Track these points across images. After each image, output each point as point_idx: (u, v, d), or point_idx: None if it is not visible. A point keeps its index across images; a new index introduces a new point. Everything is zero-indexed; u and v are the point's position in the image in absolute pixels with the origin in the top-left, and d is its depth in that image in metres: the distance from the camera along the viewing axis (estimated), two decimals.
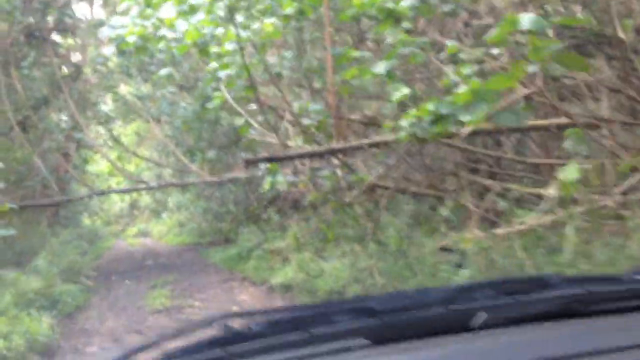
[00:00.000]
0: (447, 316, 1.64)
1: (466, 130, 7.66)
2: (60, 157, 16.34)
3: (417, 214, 10.44)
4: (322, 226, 9.29)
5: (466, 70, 6.65)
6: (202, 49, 7.46)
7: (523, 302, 1.68)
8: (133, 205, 29.14)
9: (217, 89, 9.33)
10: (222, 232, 17.08)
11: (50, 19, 15.29)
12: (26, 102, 14.38)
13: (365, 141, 7.69)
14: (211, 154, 15.55)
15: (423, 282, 6.69)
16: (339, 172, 10.39)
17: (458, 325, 1.59)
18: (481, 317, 1.58)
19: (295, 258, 9.10)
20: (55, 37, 16.07)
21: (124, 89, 18.46)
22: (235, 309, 8.19)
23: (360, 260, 7.63)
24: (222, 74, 7.19)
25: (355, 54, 6.83)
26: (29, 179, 13.82)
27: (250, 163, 7.87)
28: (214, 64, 7.36)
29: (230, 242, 15.28)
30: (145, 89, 16.54)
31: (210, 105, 8.57)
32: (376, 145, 7.69)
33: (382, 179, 10.19)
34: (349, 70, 7.05)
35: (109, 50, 16.49)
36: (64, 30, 15.71)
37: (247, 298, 9.00)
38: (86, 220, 22.58)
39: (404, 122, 6.62)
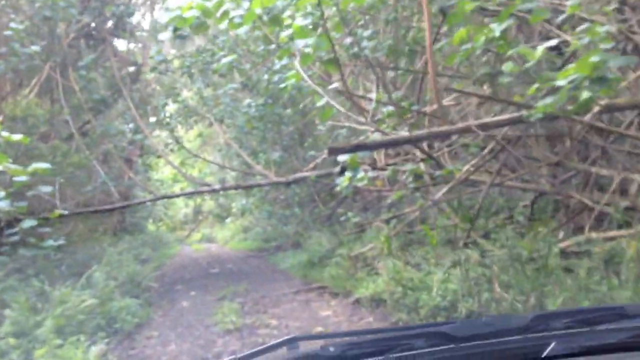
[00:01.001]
0: (522, 345, 1.61)
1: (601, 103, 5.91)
2: (122, 162, 15.03)
3: (516, 211, 8.67)
4: (425, 228, 7.54)
5: (601, 29, 4.89)
6: (274, 17, 5.81)
7: (598, 331, 1.62)
8: (197, 211, 27.86)
9: (287, 67, 7.73)
10: (289, 236, 15.52)
11: (109, 19, 13.97)
12: (85, 105, 13.08)
13: (475, 122, 5.92)
14: (275, 155, 14.06)
15: (568, 299, 4.90)
16: (422, 166, 8.68)
17: (532, 354, 1.56)
18: (555, 346, 1.53)
19: (384, 266, 7.39)
20: (115, 38, 14.73)
21: (185, 94, 17.09)
22: (319, 329, 6.52)
23: (473, 270, 5.86)
24: (300, 43, 5.53)
25: (470, 6, 5.08)
26: (88, 184, 12.44)
27: (334, 152, 6.21)
28: (288, 32, 5.68)
29: (299, 246, 13.71)
30: (207, 92, 15.15)
31: (282, 85, 6.95)
32: (484, 126, 5.92)
33: (475, 173, 8.47)
34: (458, 33, 5.33)
35: (169, 51, 15.30)
36: (123, 30, 14.35)
37: (330, 314, 7.32)
38: (151, 227, 21.33)
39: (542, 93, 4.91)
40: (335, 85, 6.62)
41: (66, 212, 8.95)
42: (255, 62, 12.71)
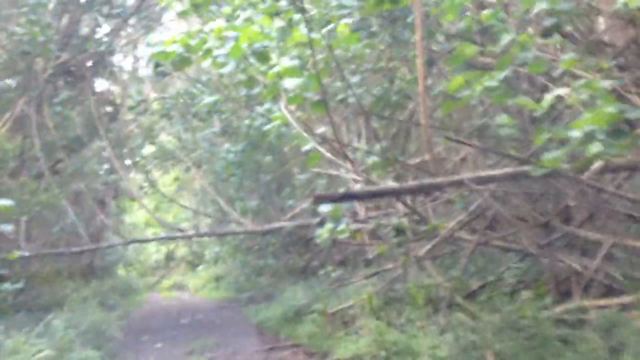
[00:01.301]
0: None
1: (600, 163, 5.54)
2: (94, 204, 14.39)
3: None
4: (412, 288, 7.03)
5: (603, 85, 4.56)
6: (261, 53, 5.40)
7: None
8: (169, 257, 27.01)
9: (271, 112, 7.32)
10: (262, 287, 14.85)
11: (89, 58, 13.52)
12: (58, 143, 12.51)
13: (469, 175, 5.48)
14: (253, 203, 13.55)
15: None
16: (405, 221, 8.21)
17: None
18: None
19: (365, 326, 6.84)
20: (94, 77, 14.25)
21: (163, 137, 16.60)
22: None
23: (463, 336, 5.34)
24: (287, 83, 5.09)
25: (471, 51, 4.70)
26: (57, 225, 11.76)
27: (320, 200, 5.74)
28: (275, 69, 5.23)
29: (272, 298, 13.05)
30: (185, 136, 14.68)
31: (266, 127, 6.51)
32: (479, 180, 5.50)
33: (460, 229, 8.04)
34: (455, 80, 4.93)
35: (150, 93, 14.87)
36: (103, 68, 13.90)
37: None
38: (121, 271, 20.48)
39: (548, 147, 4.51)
40: (322, 130, 6.18)
41: (26, 254, 8.32)
42: (236, 108, 12.35)
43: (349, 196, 5.72)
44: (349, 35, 5.65)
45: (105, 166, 14.80)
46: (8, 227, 6.83)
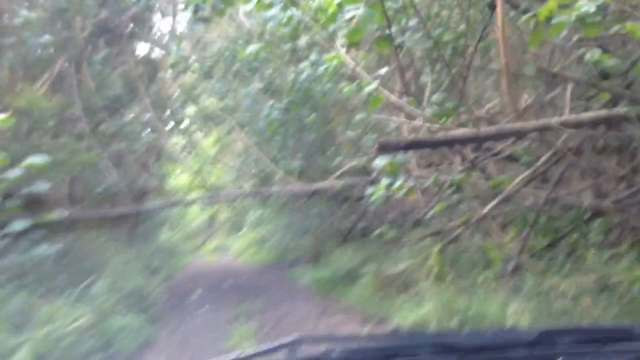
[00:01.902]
0: (527, 359, 1.56)
1: None
2: (136, 166, 13.86)
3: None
4: (487, 247, 6.25)
5: None
6: None
7: (604, 352, 1.58)
8: (212, 220, 26.57)
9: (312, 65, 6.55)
10: (307, 249, 14.22)
11: (128, 15, 12.81)
12: (99, 103, 11.91)
13: (564, 119, 4.63)
14: (297, 163, 12.82)
15: None
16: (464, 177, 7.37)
17: None
18: None
19: (429, 289, 6.10)
20: (133, 36, 13.57)
21: (205, 98, 15.88)
22: None
23: (554, 301, 4.55)
24: (348, 14, 4.28)
25: None
26: (98, 187, 11.21)
27: (384, 147, 4.98)
28: None
29: (318, 261, 12.44)
30: (227, 97, 13.92)
31: (321, 70, 5.72)
32: (570, 124, 4.65)
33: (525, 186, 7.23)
34: (547, 5, 4.04)
35: (189, 49, 14.11)
36: (142, 27, 13.20)
37: None
38: (164, 235, 20.07)
39: None
40: (384, 70, 5.36)
41: (66, 213, 7.74)
42: (279, 64, 11.57)
43: (418, 144, 4.94)
44: None
45: (147, 128, 14.22)
46: (44, 186, 6.21)
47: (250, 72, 11.67)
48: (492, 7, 5.96)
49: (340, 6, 4.25)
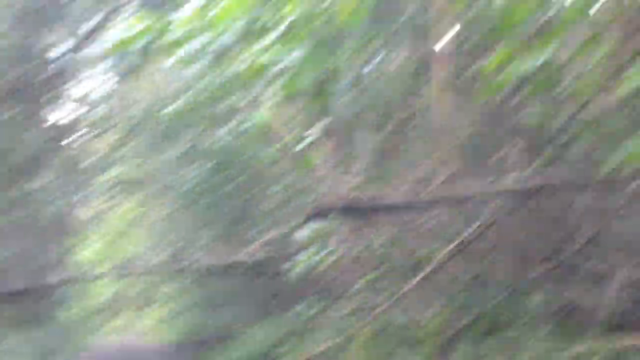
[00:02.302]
0: None
1: None
2: (39, 237, 12.78)
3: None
4: (415, 324, 5.80)
5: None
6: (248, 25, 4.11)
7: None
8: (121, 295, 24.93)
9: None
10: (223, 326, 13.37)
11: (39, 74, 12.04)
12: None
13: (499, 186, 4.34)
14: (215, 233, 12.17)
15: None
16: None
17: None
18: None
19: None
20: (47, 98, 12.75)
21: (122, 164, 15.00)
22: None
23: None
24: (281, 61, 3.83)
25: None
26: None
27: (320, 213, 4.50)
28: (263, 44, 3.90)
29: (233, 339, 11.64)
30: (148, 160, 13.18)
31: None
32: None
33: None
34: (500, 52, 3.64)
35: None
36: (56, 86, 12.43)
37: None
38: (65, 314, 18.50)
39: None
40: (321, 124, 4.95)
41: None
42: (204, 125, 10.99)
43: (356, 208, 4.49)
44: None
45: (54, 196, 13.25)
46: None
47: (173, 134, 11.12)
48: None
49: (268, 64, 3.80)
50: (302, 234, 5.90)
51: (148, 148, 12.15)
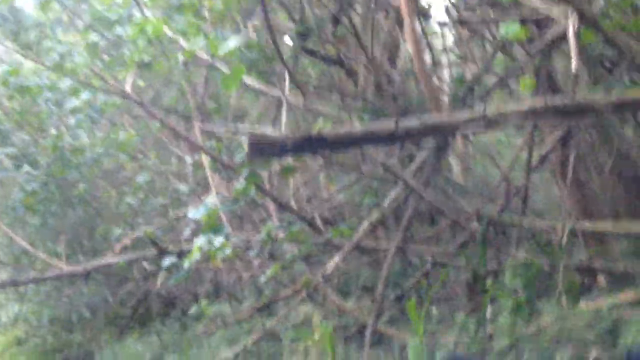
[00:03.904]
0: None
1: None
2: None
3: None
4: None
5: None
6: None
7: None
8: None
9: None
10: (80, 346, 11.40)
11: None
12: None
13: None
14: (61, 244, 10.09)
15: None
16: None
17: None
18: None
19: None
20: None
21: None
22: None
23: None
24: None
25: None
26: None
27: (260, 151, 2.91)
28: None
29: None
30: None
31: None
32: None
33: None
34: None
35: None
36: None
37: None
38: None
39: None
40: None
41: None
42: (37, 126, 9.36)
43: (315, 143, 2.91)
44: None
45: None
46: None
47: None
48: None
49: None
50: (194, 214, 4.43)
51: None
